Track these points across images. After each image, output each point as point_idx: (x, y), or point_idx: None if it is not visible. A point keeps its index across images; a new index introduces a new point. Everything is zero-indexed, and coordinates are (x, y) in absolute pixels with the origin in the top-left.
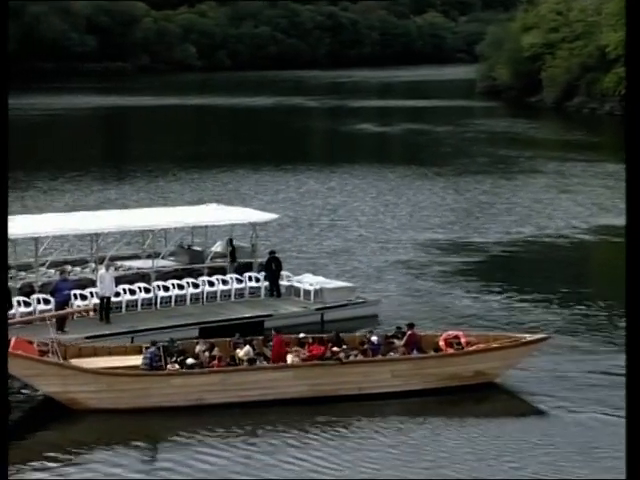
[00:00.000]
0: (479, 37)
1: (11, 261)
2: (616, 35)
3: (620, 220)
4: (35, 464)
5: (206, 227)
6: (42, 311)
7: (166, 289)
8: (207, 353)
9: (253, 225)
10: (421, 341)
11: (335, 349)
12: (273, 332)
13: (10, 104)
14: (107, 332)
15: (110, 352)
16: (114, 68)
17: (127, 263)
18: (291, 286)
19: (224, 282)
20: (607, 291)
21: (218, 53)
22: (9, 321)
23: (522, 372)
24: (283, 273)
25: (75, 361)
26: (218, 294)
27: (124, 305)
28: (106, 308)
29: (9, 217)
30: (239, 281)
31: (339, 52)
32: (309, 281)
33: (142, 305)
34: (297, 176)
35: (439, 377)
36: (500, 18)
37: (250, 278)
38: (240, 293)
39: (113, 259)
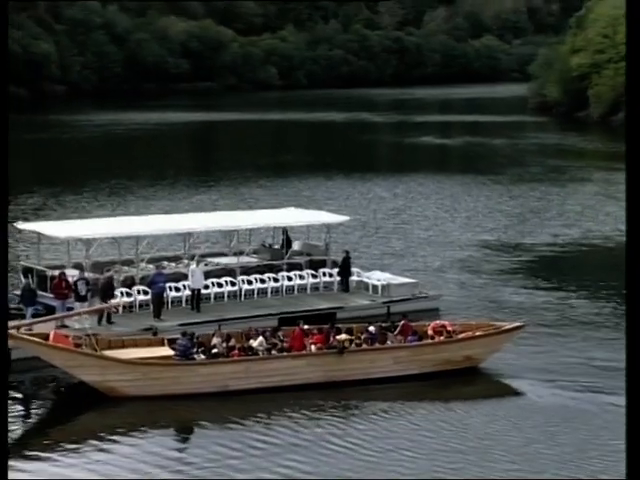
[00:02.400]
0: (531, 58)
1: (115, 257)
2: None
3: None
4: (77, 447)
5: (285, 228)
6: (141, 301)
7: (249, 283)
8: (224, 344)
9: (327, 226)
10: (412, 329)
11: (343, 337)
12: (301, 323)
13: (114, 120)
14: (198, 320)
15: (136, 344)
16: (204, 88)
17: (215, 259)
18: (361, 281)
19: (301, 277)
20: None
21: (296, 73)
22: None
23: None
24: (354, 270)
25: (107, 353)
26: (295, 288)
27: (212, 297)
28: (197, 299)
29: (115, 219)
30: (314, 276)
31: (404, 72)
32: (377, 277)
33: (228, 297)
34: (365, 183)
35: (434, 362)
36: (550, 41)
37: (324, 274)
38: (315, 287)
39: (203, 256)
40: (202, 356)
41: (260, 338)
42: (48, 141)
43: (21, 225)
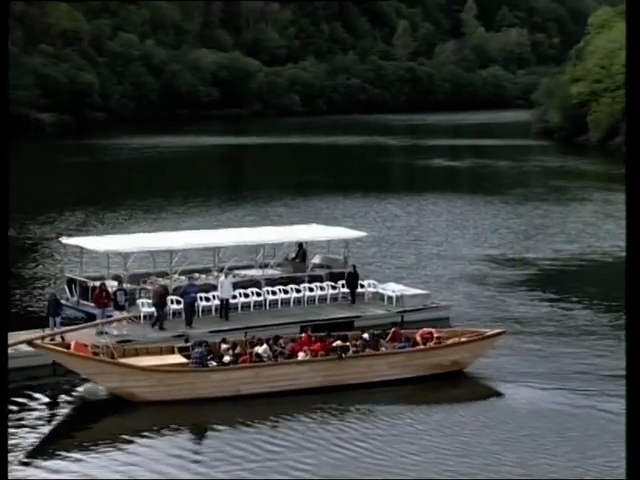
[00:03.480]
0: (534, 87)
1: (150, 269)
2: None
3: None
4: (100, 448)
5: (306, 243)
6: (173, 310)
7: (274, 293)
8: (231, 351)
9: (345, 241)
10: (403, 336)
11: (339, 343)
12: (308, 330)
13: (150, 143)
14: (226, 328)
15: (148, 352)
16: (233, 114)
17: (242, 272)
18: (376, 292)
19: (321, 288)
20: None
21: (317, 101)
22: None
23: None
24: (369, 282)
25: (123, 361)
26: (316, 298)
27: (240, 306)
28: (225, 308)
29: (150, 234)
30: (334, 287)
31: (416, 99)
32: (392, 288)
33: (254, 306)
34: (381, 202)
35: (425, 367)
36: (552, 71)
37: (343, 285)
38: (334, 297)
39: (231, 268)
40: (214, 363)
41: (264, 346)
42: (90, 163)
43: (65, 240)
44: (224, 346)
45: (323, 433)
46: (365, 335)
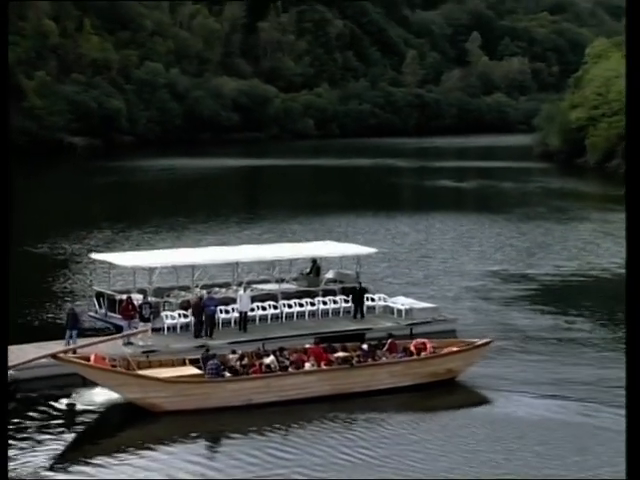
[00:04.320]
0: (535, 112)
1: (174, 283)
2: None
3: None
4: (122, 456)
5: (320, 259)
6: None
7: (290, 306)
8: (239, 362)
9: (357, 258)
10: (398, 347)
11: (340, 354)
12: (315, 341)
13: (174, 165)
14: (244, 339)
15: (160, 364)
16: (252, 137)
17: (260, 286)
18: (386, 306)
19: (334, 302)
20: None
21: (330, 125)
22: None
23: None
24: (380, 295)
25: (142, 372)
26: (330, 311)
27: (257, 318)
28: (244, 320)
29: (174, 250)
30: (346, 301)
31: (424, 124)
32: (401, 302)
33: (271, 319)
34: (390, 220)
35: (422, 375)
36: (552, 98)
37: (347, 301)
38: (347, 310)
39: (249, 283)
40: (228, 374)
41: (271, 357)
42: (118, 184)
43: (94, 256)
44: (232, 357)
45: (331, 441)
46: (364, 346)
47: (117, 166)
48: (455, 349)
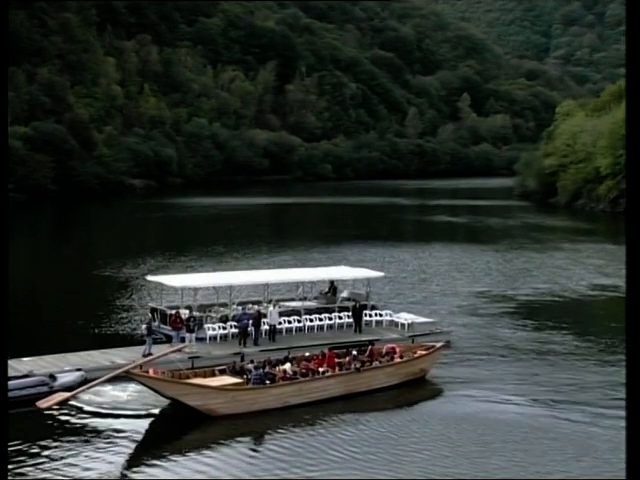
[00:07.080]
0: (515, 160)
1: (214, 301)
2: (606, 160)
3: (613, 280)
4: (181, 458)
5: (337, 281)
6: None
7: (311, 320)
8: (261, 370)
9: (367, 280)
10: (377, 352)
11: (342, 360)
12: (327, 349)
13: (215, 203)
14: (273, 347)
15: (196, 374)
16: (279, 179)
17: (286, 303)
18: (392, 320)
19: (348, 317)
20: (607, 329)
21: (345, 169)
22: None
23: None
24: (386, 311)
25: (199, 381)
26: (344, 325)
27: (284, 330)
28: (273, 332)
29: (214, 273)
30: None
31: (423, 168)
32: (404, 317)
33: (296, 331)
34: (396, 249)
35: (406, 374)
36: (529, 148)
37: (365, 314)
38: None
39: (277, 300)
40: (268, 381)
41: (288, 364)
42: (169, 218)
43: (149, 278)
44: (249, 366)
45: (357, 433)
46: (354, 352)
47: (168, 203)
48: (425, 352)
